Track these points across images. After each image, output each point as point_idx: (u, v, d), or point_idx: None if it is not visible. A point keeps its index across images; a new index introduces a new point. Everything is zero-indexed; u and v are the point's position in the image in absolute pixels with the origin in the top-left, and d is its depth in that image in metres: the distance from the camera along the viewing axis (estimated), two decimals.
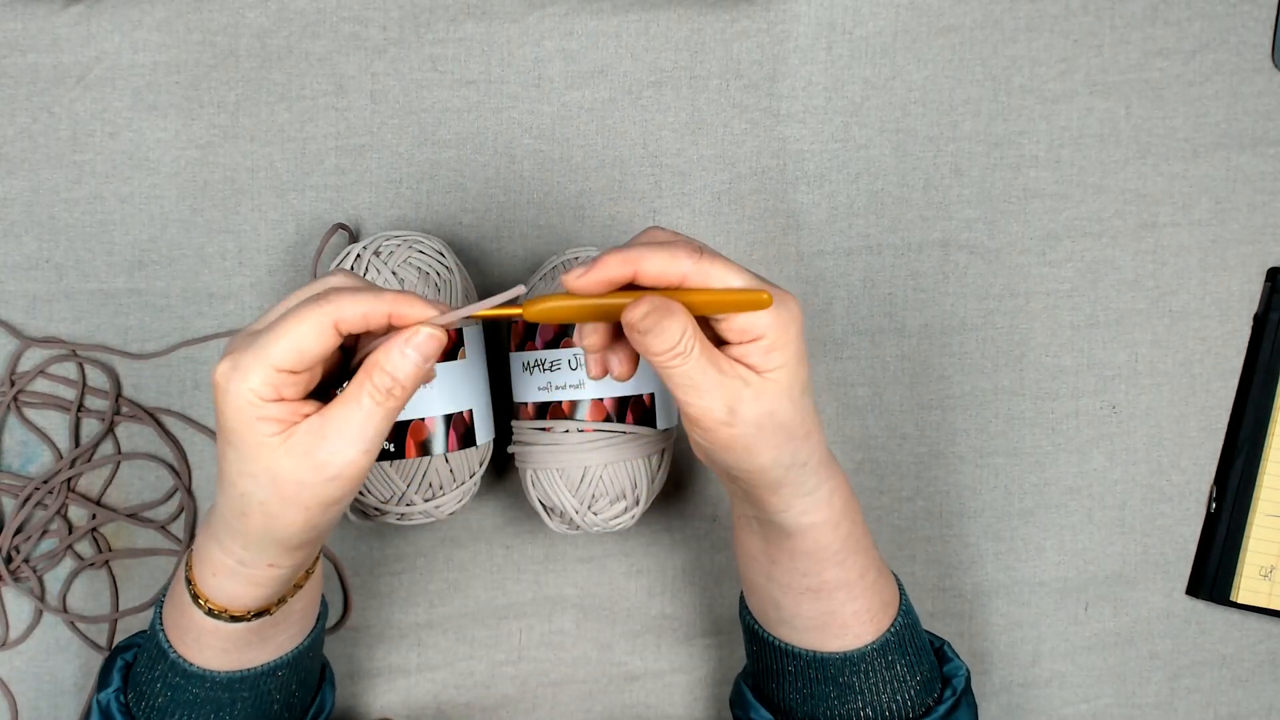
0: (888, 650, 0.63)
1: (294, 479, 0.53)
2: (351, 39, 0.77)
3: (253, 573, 0.56)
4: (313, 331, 0.52)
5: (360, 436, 0.53)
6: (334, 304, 0.52)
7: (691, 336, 0.54)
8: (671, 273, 0.54)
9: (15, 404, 0.77)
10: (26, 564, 0.76)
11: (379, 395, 0.53)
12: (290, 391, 0.52)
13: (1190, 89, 0.79)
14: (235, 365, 0.52)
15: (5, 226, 0.76)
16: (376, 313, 0.53)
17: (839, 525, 0.60)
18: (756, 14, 0.78)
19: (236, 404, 0.52)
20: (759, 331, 0.54)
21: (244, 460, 0.53)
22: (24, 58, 0.76)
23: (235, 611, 0.58)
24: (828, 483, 0.59)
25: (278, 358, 0.52)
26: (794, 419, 0.56)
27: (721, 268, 0.54)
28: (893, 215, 0.79)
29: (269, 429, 0.52)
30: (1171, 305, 0.80)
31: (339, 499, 0.54)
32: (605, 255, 0.54)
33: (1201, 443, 0.80)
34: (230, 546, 0.56)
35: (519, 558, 0.79)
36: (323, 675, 0.70)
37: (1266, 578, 0.79)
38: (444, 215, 0.78)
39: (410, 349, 0.53)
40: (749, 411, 0.55)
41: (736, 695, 0.70)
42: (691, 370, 0.54)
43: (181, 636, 0.61)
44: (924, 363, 0.79)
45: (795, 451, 0.57)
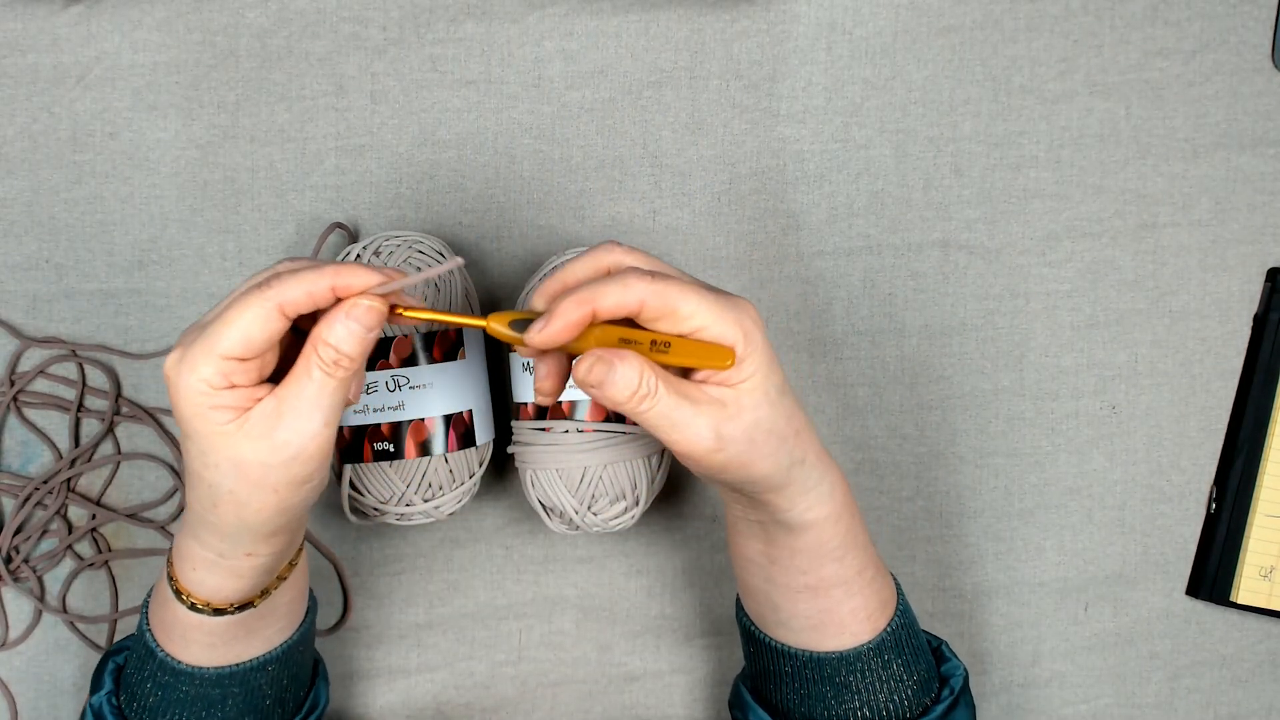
0: (884, 650, 0.63)
1: (257, 461, 0.53)
2: (351, 39, 0.77)
3: (232, 564, 0.56)
4: (258, 318, 0.52)
5: (316, 408, 0.53)
6: (276, 288, 0.52)
7: (651, 378, 0.53)
8: (628, 302, 0.53)
9: (15, 404, 0.77)
10: (26, 564, 0.76)
11: (327, 366, 0.53)
12: (242, 379, 0.52)
13: (1190, 89, 0.79)
14: (183, 357, 0.52)
15: (5, 226, 0.76)
16: (319, 289, 0.52)
17: (840, 519, 0.60)
18: (756, 14, 0.78)
19: (188, 395, 0.52)
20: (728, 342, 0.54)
21: (205, 451, 0.53)
22: (24, 58, 0.76)
23: (218, 605, 0.58)
24: (828, 477, 0.59)
25: (225, 346, 0.52)
26: (779, 421, 0.56)
27: (676, 289, 0.53)
28: (893, 216, 0.79)
29: (224, 417, 0.52)
30: (1171, 305, 0.80)
31: (306, 477, 0.54)
32: (558, 304, 0.53)
33: (1201, 443, 0.80)
34: (207, 539, 0.56)
35: (519, 558, 0.79)
36: (316, 671, 0.69)
37: (1266, 578, 0.79)
38: (444, 215, 0.78)
39: (351, 321, 0.52)
40: (733, 429, 0.55)
41: (735, 697, 0.70)
42: (663, 410, 0.54)
43: (168, 634, 0.61)
44: (924, 363, 0.79)
45: (790, 451, 0.57)
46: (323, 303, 0.53)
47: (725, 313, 0.54)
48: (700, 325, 0.54)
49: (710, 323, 0.54)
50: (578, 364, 0.54)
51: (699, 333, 0.54)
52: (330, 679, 0.78)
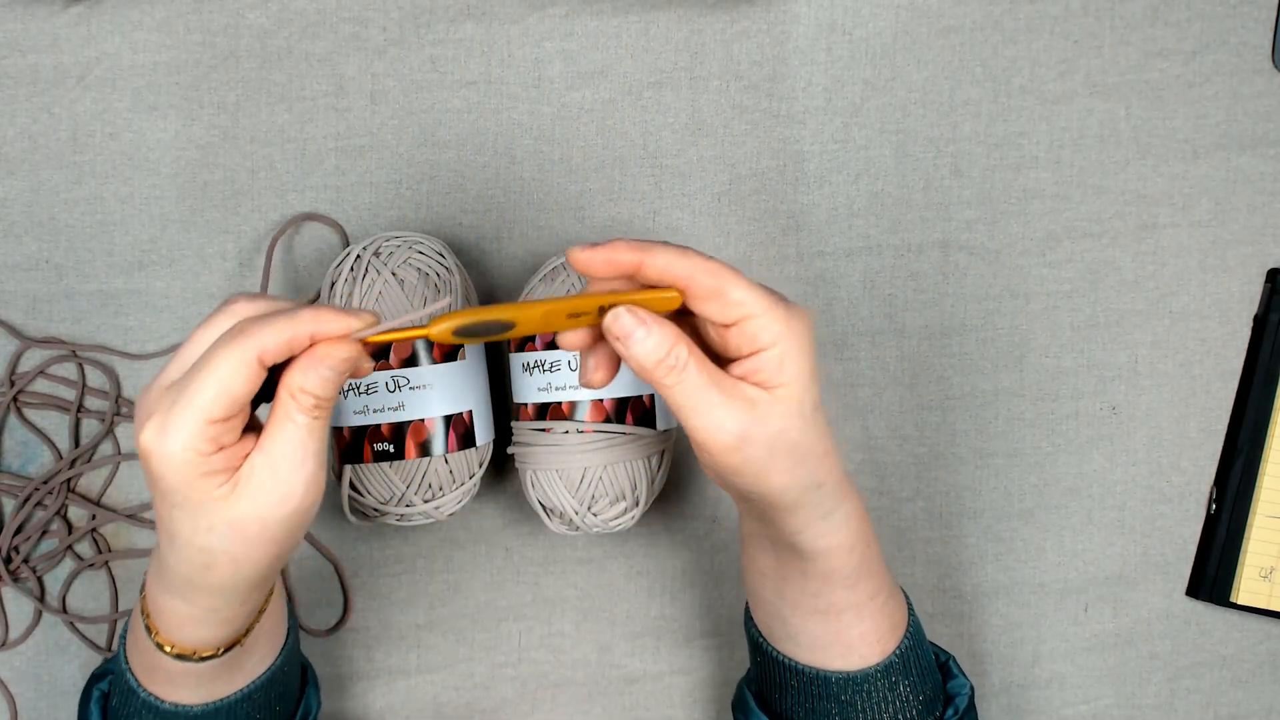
0: (892, 672, 0.62)
1: (256, 519, 0.51)
2: (351, 40, 0.77)
3: (225, 614, 0.55)
4: (238, 372, 0.49)
5: (307, 454, 0.51)
6: (252, 338, 0.49)
7: (683, 351, 0.52)
8: (678, 270, 0.52)
9: (15, 404, 0.77)
10: (26, 564, 0.76)
11: (311, 410, 0.51)
12: (229, 438, 0.50)
13: (1190, 90, 0.79)
14: (163, 426, 0.49)
15: (5, 227, 0.76)
16: (299, 336, 0.50)
17: (854, 549, 0.59)
18: (756, 15, 0.78)
19: (177, 467, 0.50)
20: (770, 340, 0.52)
21: (198, 518, 0.51)
22: (24, 58, 0.76)
23: (206, 652, 0.57)
24: (844, 505, 0.57)
25: (209, 409, 0.49)
26: (807, 438, 0.54)
27: (731, 273, 0.52)
28: (893, 216, 0.79)
29: (216, 482, 0.50)
30: (1171, 306, 0.80)
31: (303, 523, 0.53)
32: (615, 240, 0.52)
33: (1201, 444, 0.80)
34: (197, 599, 0.54)
35: (519, 559, 0.78)
36: (304, 678, 0.69)
37: (1266, 579, 0.79)
38: (444, 216, 0.78)
39: (324, 368, 0.51)
40: (758, 433, 0.53)
41: (739, 700, 0.69)
42: (689, 389, 0.52)
43: (151, 676, 0.59)
44: (924, 363, 0.79)
45: (811, 472, 0.55)
46: (300, 350, 0.51)
47: (775, 309, 0.52)
48: (748, 314, 0.52)
49: (759, 313, 0.52)
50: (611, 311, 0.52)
51: (746, 321, 0.52)
52: (330, 680, 0.78)
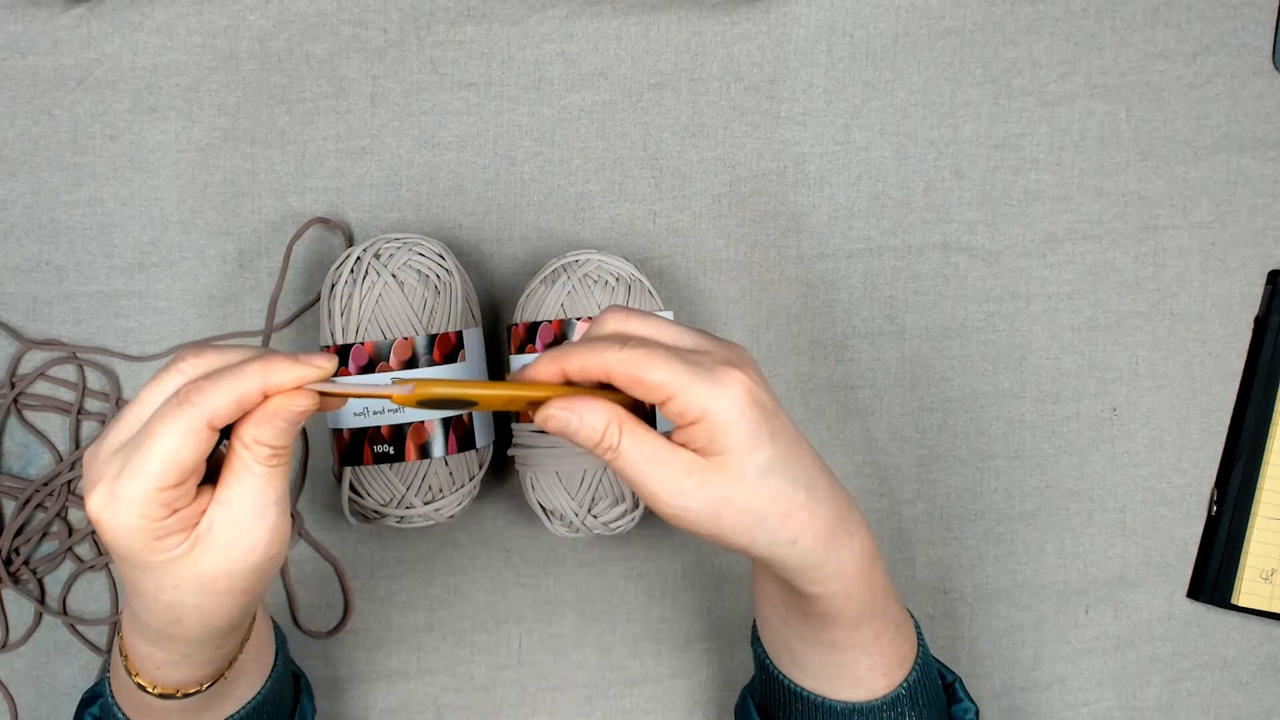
0: (899, 704, 0.61)
1: (222, 573, 0.50)
2: (352, 41, 0.77)
3: (201, 658, 0.55)
4: (186, 439, 0.48)
5: (268, 503, 0.50)
6: (199, 405, 0.48)
7: (615, 432, 0.52)
8: (592, 367, 0.53)
9: (15, 406, 0.77)
10: (26, 566, 0.76)
11: (267, 460, 0.50)
12: (183, 500, 0.49)
13: (1191, 91, 0.79)
14: (111, 496, 0.48)
15: (5, 229, 0.76)
16: (249, 395, 0.49)
17: (851, 596, 0.58)
18: (757, 17, 0.78)
19: (129, 534, 0.49)
20: (695, 414, 0.52)
21: (160, 578, 0.50)
22: (24, 60, 0.76)
23: (189, 689, 0.57)
24: (836, 555, 0.56)
25: (158, 477, 0.48)
26: (756, 502, 0.53)
27: (644, 358, 0.52)
28: (893, 218, 0.79)
29: (174, 543, 0.50)
30: (1172, 308, 0.80)
31: (271, 570, 0.52)
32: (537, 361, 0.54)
33: (1202, 445, 0.80)
34: (170, 647, 0.54)
35: (519, 561, 0.78)
36: (298, 688, 0.68)
37: (1267, 580, 0.79)
38: (444, 218, 0.78)
39: (280, 420, 0.50)
40: (696, 500, 0.53)
41: (741, 708, 0.69)
42: (628, 462, 0.53)
43: (137, 712, 0.59)
44: (924, 365, 0.79)
45: (771, 533, 0.54)
46: (252, 405, 0.49)
47: (695, 384, 0.52)
48: (669, 396, 0.52)
49: (678, 392, 0.52)
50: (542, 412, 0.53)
51: (669, 403, 0.52)
52: (330, 682, 0.78)
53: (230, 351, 0.51)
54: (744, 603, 0.79)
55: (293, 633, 0.78)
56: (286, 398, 0.49)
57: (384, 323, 0.70)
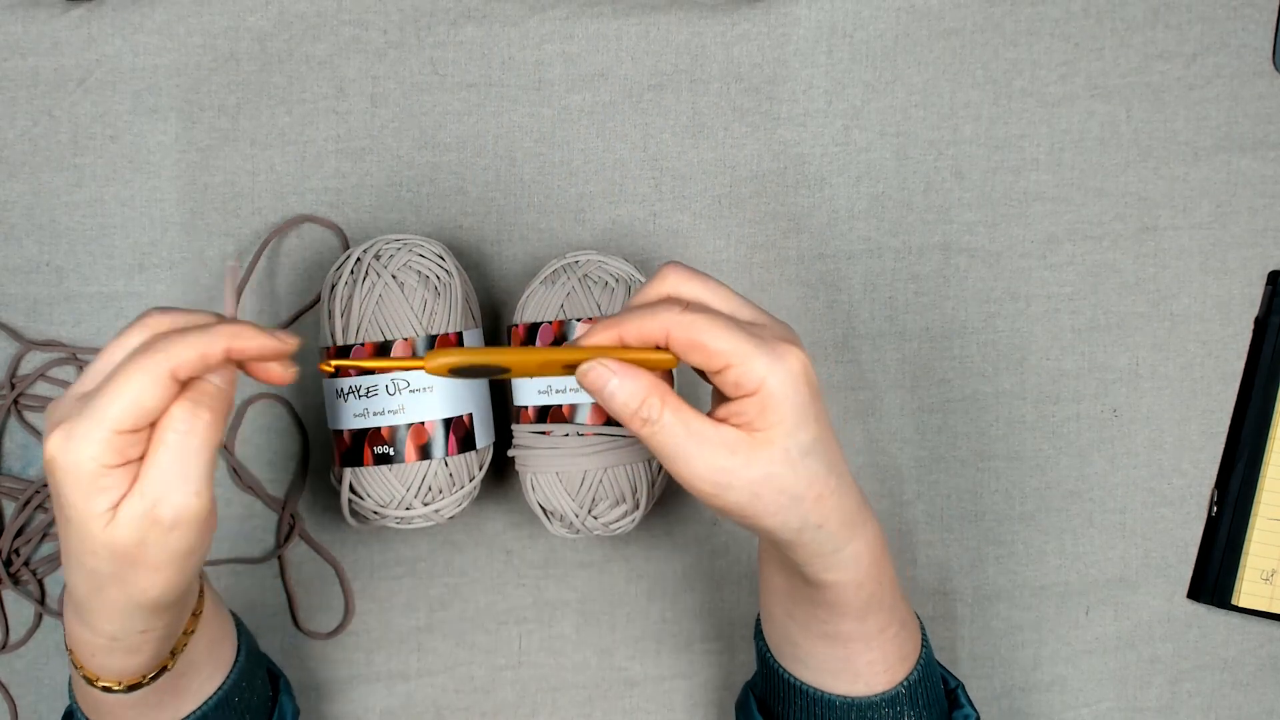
0: (898, 702, 0.62)
1: (135, 541, 0.49)
2: (352, 42, 0.77)
3: (127, 643, 0.54)
4: (150, 385, 0.48)
5: (184, 477, 0.49)
6: (166, 352, 0.49)
7: (656, 402, 0.52)
8: (653, 331, 0.52)
9: (16, 407, 0.77)
10: (26, 567, 0.76)
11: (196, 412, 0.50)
12: (135, 451, 0.49)
13: (1191, 92, 0.79)
14: (70, 434, 0.48)
15: (6, 230, 0.76)
16: (214, 351, 0.50)
17: (861, 586, 0.58)
18: (757, 17, 0.78)
19: (76, 476, 0.48)
20: (752, 386, 0.52)
21: (83, 537, 0.50)
22: (24, 61, 0.76)
23: (130, 681, 0.56)
24: (851, 544, 0.57)
25: (117, 419, 0.48)
26: (796, 483, 0.53)
27: (705, 323, 0.52)
28: (893, 218, 0.79)
29: (105, 500, 0.49)
30: (1172, 308, 0.80)
31: (190, 548, 0.51)
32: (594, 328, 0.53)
33: (1202, 446, 0.80)
34: (97, 625, 0.53)
35: (519, 562, 0.78)
36: (276, 687, 0.68)
37: (1268, 581, 0.79)
38: (444, 218, 0.78)
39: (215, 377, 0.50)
40: (738, 479, 0.52)
41: (743, 703, 0.69)
42: (667, 438, 0.52)
43: (96, 711, 0.58)
44: (925, 366, 0.79)
45: (804, 515, 0.54)
46: (215, 365, 0.50)
47: (756, 355, 0.52)
48: (727, 364, 0.52)
49: (738, 361, 0.52)
50: (582, 366, 0.52)
51: (725, 371, 0.52)
52: (330, 683, 0.78)
53: (196, 314, 0.52)
54: (744, 604, 0.79)
55: (293, 634, 0.78)
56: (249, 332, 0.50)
57: (384, 323, 0.70)
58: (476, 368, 0.52)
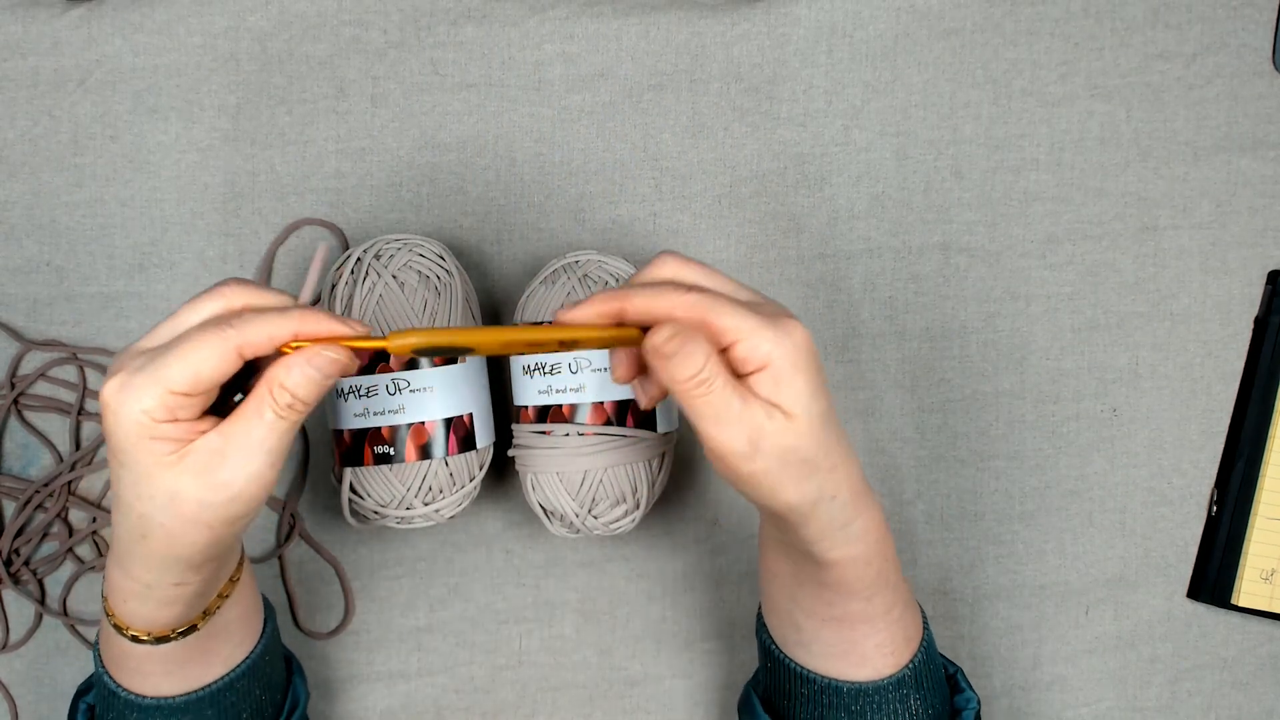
0: (904, 685, 0.62)
1: (195, 498, 0.51)
2: (352, 42, 0.77)
3: (161, 594, 0.55)
4: (214, 356, 0.50)
5: (261, 451, 0.51)
6: (239, 329, 0.51)
7: (715, 366, 0.52)
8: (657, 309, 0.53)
9: (16, 407, 0.77)
10: (26, 567, 0.76)
11: (280, 409, 0.51)
12: (185, 413, 0.51)
13: (1191, 92, 0.79)
14: (125, 384, 0.50)
15: (6, 230, 0.76)
16: (282, 334, 0.51)
17: (870, 562, 0.59)
18: (756, 17, 0.78)
19: (127, 425, 0.50)
20: (759, 360, 0.53)
21: (139, 482, 0.51)
22: (25, 61, 0.76)
23: (159, 633, 0.57)
24: (860, 518, 0.57)
25: (174, 381, 0.50)
26: (816, 453, 0.54)
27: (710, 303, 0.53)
28: (893, 218, 0.79)
29: (164, 448, 0.51)
30: (1172, 308, 0.80)
31: (243, 515, 0.52)
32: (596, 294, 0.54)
33: (1202, 446, 0.80)
34: (134, 571, 0.54)
35: (519, 562, 0.78)
36: (290, 669, 0.68)
37: (1267, 581, 0.79)
38: (444, 218, 0.78)
39: (311, 369, 0.51)
40: (770, 445, 0.53)
41: (745, 703, 0.69)
42: (715, 400, 0.53)
43: (122, 669, 0.59)
44: (924, 366, 0.79)
45: (821, 486, 0.55)
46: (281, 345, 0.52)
47: (762, 330, 0.53)
48: (735, 340, 0.53)
49: (745, 336, 0.53)
50: (658, 330, 0.53)
51: (734, 347, 0.53)
52: (331, 683, 0.78)
53: (271, 294, 0.54)
54: (744, 603, 0.79)
55: (293, 633, 0.78)
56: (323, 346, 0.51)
57: (384, 323, 0.70)
58: (440, 348, 0.52)
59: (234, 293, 0.53)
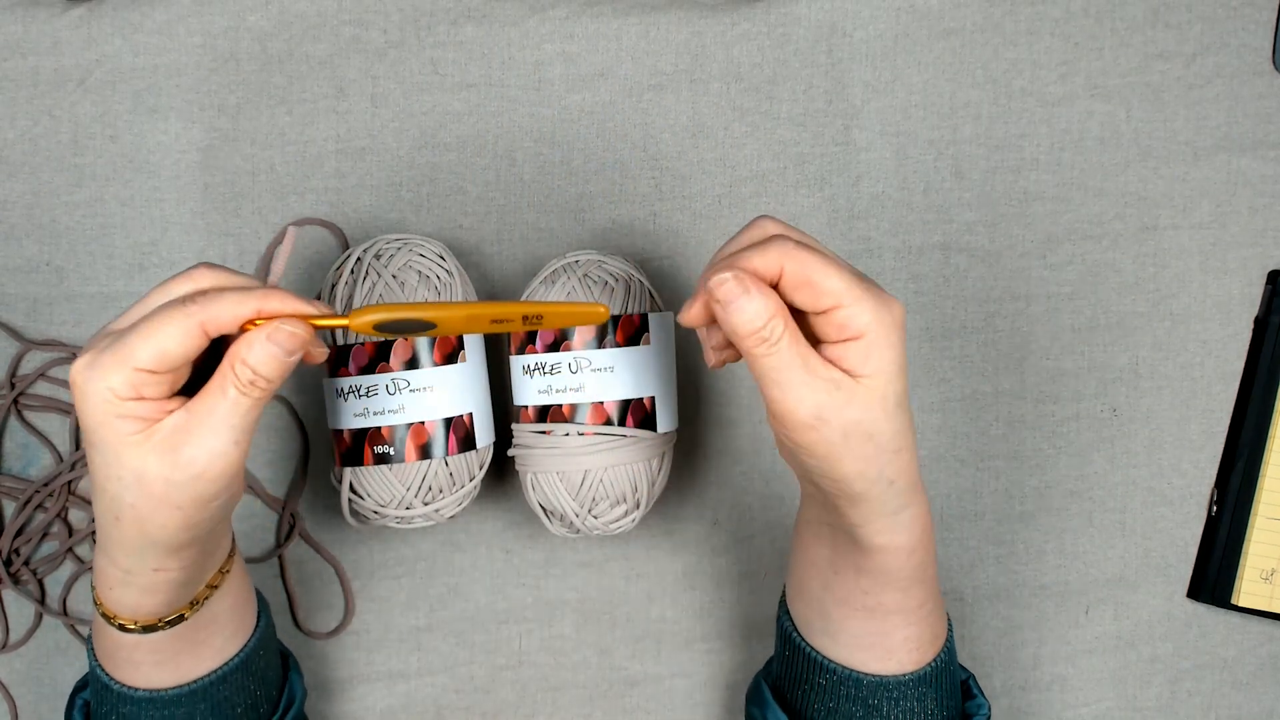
0: (924, 683, 0.62)
1: (161, 476, 0.51)
2: (352, 42, 0.77)
3: (141, 580, 0.55)
4: (178, 334, 0.51)
5: (226, 427, 0.52)
6: (202, 306, 0.51)
7: (780, 324, 0.52)
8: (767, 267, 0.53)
9: (16, 407, 0.77)
10: (26, 567, 0.76)
11: (242, 385, 0.52)
12: (151, 391, 0.51)
13: (1191, 92, 0.79)
14: (93, 363, 0.51)
15: (6, 229, 0.76)
16: (245, 312, 0.52)
17: (914, 552, 0.58)
18: (757, 17, 0.78)
19: (94, 402, 0.51)
20: (858, 329, 0.52)
21: (109, 462, 0.52)
22: (25, 61, 0.76)
23: (145, 622, 0.57)
24: (912, 506, 0.57)
25: (140, 358, 0.51)
26: (884, 431, 0.54)
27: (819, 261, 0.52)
28: (893, 218, 0.79)
29: (130, 427, 0.51)
30: (1172, 308, 0.80)
31: (213, 495, 0.52)
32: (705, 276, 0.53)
33: (1202, 446, 0.80)
34: (114, 555, 0.54)
35: (519, 562, 0.78)
36: (286, 665, 0.68)
37: (1267, 581, 0.79)
38: (444, 218, 0.78)
39: (271, 344, 0.52)
40: (836, 417, 0.53)
41: (755, 692, 0.68)
42: (779, 363, 0.52)
43: (114, 661, 0.59)
44: (925, 366, 0.79)
45: (883, 467, 0.54)
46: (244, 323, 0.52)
47: (866, 299, 0.53)
48: (837, 304, 0.52)
49: (849, 303, 0.52)
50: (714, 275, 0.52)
51: (835, 311, 0.53)
52: (330, 683, 0.78)
53: (239, 276, 0.54)
54: (744, 603, 0.79)
55: (293, 633, 0.78)
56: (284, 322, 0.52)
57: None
58: (402, 322, 0.53)
59: (203, 275, 0.54)
